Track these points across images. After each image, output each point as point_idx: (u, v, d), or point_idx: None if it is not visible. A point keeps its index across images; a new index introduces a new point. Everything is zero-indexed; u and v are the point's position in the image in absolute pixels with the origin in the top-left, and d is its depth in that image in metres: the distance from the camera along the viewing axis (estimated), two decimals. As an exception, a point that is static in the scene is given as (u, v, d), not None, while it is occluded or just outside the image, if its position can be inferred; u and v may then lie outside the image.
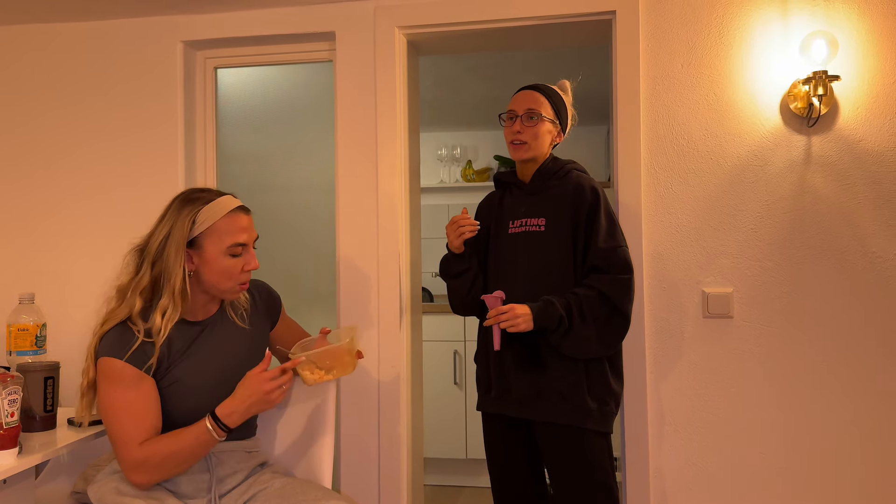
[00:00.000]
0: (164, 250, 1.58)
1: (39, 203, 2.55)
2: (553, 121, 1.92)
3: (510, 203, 1.97)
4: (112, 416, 1.54)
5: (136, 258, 1.64)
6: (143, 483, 1.54)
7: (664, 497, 2.18)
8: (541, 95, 1.92)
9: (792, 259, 2.14)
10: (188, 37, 2.49)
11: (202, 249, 1.60)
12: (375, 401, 2.34)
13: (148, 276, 1.59)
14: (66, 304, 2.46)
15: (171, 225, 1.59)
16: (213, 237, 1.59)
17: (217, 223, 1.59)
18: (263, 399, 1.51)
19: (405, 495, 2.34)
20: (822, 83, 2.04)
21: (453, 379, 3.93)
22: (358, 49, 2.39)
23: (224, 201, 1.62)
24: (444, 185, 4.60)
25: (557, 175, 1.91)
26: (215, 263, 1.60)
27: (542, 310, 1.75)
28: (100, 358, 1.57)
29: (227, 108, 3.10)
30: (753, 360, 2.15)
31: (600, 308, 1.76)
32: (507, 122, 1.94)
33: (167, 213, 1.63)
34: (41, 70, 2.56)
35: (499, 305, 1.80)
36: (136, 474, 1.52)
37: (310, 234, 3.16)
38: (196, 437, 1.52)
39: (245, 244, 1.63)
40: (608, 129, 3.55)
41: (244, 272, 1.64)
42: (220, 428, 1.52)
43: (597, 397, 1.80)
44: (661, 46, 2.22)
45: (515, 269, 1.89)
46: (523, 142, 1.89)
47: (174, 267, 1.57)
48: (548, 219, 1.87)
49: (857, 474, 2.10)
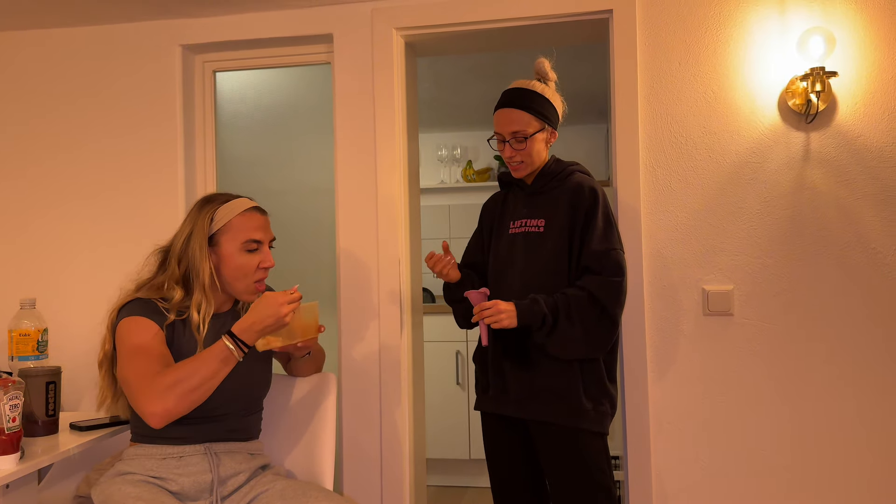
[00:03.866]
0: (189, 247, 1.65)
1: (40, 207, 2.55)
2: (542, 130, 1.87)
3: (512, 203, 1.97)
4: (134, 359, 1.55)
5: (160, 257, 1.71)
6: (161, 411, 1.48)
7: (666, 496, 2.18)
8: (521, 112, 1.83)
9: (792, 256, 2.14)
10: (187, 40, 2.49)
11: (219, 246, 1.66)
12: (377, 401, 2.34)
13: (178, 273, 1.65)
14: (68, 308, 2.46)
15: (193, 224, 1.66)
16: (230, 234, 1.66)
17: (233, 220, 1.67)
18: (275, 319, 1.54)
19: (408, 496, 2.34)
20: (819, 79, 2.04)
21: (455, 379, 3.93)
22: (356, 51, 2.39)
23: (240, 201, 1.70)
24: (445, 186, 4.60)
25: (559, 177, 1.90)
26: (231, 260, 1.66)
27: (527, 307, 1.75)
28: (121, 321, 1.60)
29: (226, 111, 3.11)
30: (754, 357, 2.15)
31: (589, 309, 1.75)
32: (498, 142, 1.91)
33: (189, 215, 1.70)
34: (40, 75, 2.56)
35: (483, 301, 1.80)
36: (156, 402, 1.47)
37: (310, 237, 3.17)
38: (212, 353, 1.54)
39: (261, 241, 1.69)
40: (607, 128, 3.55)
41: (260, 269, 1.69)
42: (237, 345, 1.54)
43: (592, 398, 1.80)
44: (658, 44, 2.22)
45: (513, 269, 1.89)
46: (520, 162, 1.88)
47: (201, 263, 1.64)
48: (547, 220, 1.86)
49: (861, 470, 2.09)
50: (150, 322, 1.61)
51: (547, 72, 1.91)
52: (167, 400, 1.48)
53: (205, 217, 1.66)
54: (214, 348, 1.54)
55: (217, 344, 1.54)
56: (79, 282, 2.50)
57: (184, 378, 1.50)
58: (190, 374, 1.51)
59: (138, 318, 1.61)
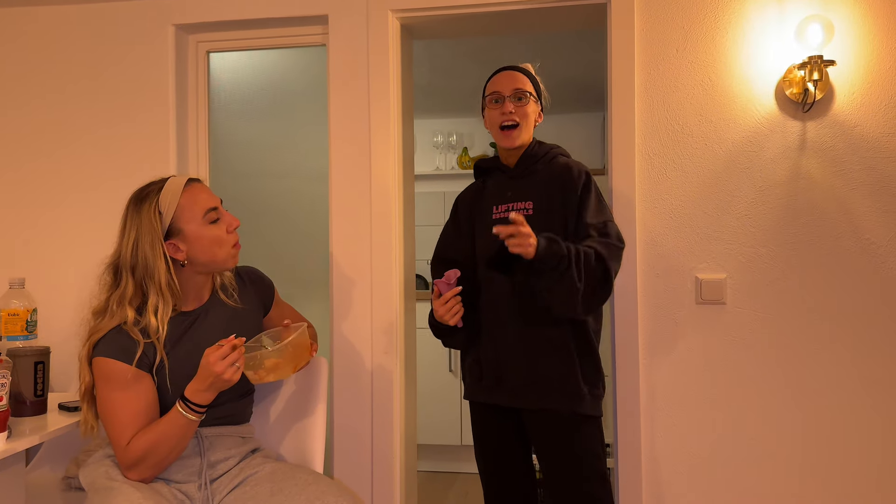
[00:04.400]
0: (138, 253, 1.58)
1: (29, 187, 2.53)
2: (537, 102, 1.91)
3: (493, 188, 1.94)
4: (110, 417, 1.55)
5: (112, 274, 1.63)
6: (141, 479, 1.55)
7: (658, 483, 2.19)
8: (521, 75, 1.90)
9: (786, 245, 2.14)
10: (180, 20, 2.46)
11: (183, 233, 1.61)
12: (369, 387, 2.33)
13: (131, 285, 1.59)
14: (57, 289, 2.45)
15: (137, 227, 1.59)
16: (186, 215, 1.61)
17: (181, 201, 1.60)
18: (220, 379, 1.50)
19: (398, 481, 2.34)
20: (817, 68, 2.03)
21: (448, 366, 3.94)
22: (351, 33, 2.37)
23: (174, 181, 1.64)
24: (440, 173, 4.59)
25: (544, 159, 1.89)
26: (202, 238, 1.61)
27: (548, 244, 1.63)
28: (96, 358, 1.57)
29: (219, 93, 3.08)
30: (746, 346, 2.15)
31: (594, 267, 1.68)
32: (491, 105, 1.89)
33: (126, 221, 1.62)
34: (27, 54, 2.53)
35: (453, 285, 1.78)
36: (132, 472, 1.54)
37: (303, 221, 3.15)
38: (171, 422, 1.53)
39: (216, 207, 1.65)
40: (604, 117, 3.53)
41: (230, 234, 1.66)
42: (189, 408, 1.52)
43: (589, 382, 1.80)
44: (655, 31, 2.20)
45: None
46: (515, 123, 1.84)
47: (154, 264, 1.57)
48: (535, 202, 1.84)
49: (851, 456, 2.10)
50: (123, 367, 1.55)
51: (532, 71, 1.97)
52: (140, 472, 1.54)
53: (148, 214, 1.58)
54: (173, 416, 1.52)
55: (173, 411, 1.53)
56: (68, 260, 2.48)
57: (151, 451, 1.52)
58: (157, 446, 1.52)
59: (110, 361, 1.55)
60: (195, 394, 1.52)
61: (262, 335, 1.71)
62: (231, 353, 1.50)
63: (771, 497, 2.13)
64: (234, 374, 1.51)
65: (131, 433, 1.53)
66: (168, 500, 1.53)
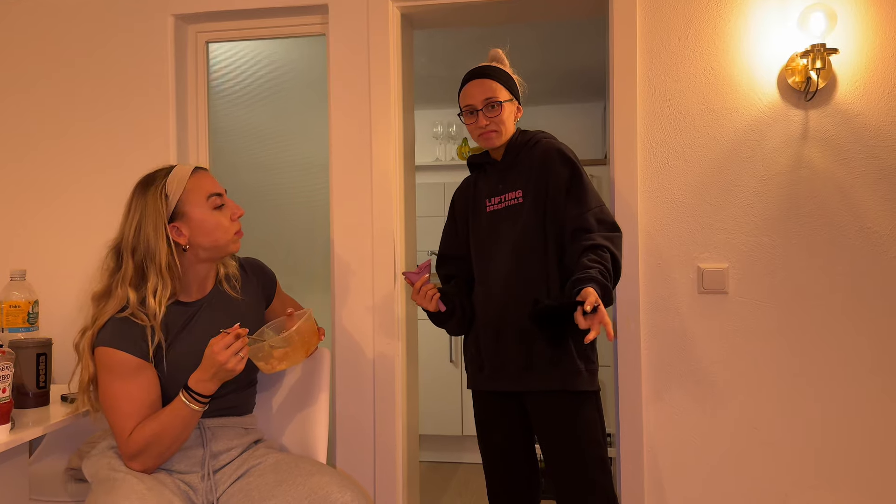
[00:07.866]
0: (141, 234, 1.58)
1: (29, 178, 2.52)
2: (510, 100, 1.90)
3: (485, 183, 1.97)
4: (112, 407, 1.55)
5: (114, 257, 1.64)
6: (144, 469, 1.55)
7: (659, 472, 2.19)
8: (491, 81, 1.87)
9: (788, 234, 2.13)
10: (179, 10, 2.45)
11: (187, 216, 1.61)
12: (371, 378, 2.34)
13: (131, 267, 1.59)
14: (59, 280, 2.44)
15: (141, 210, 1.60)
16: (192, 199, 1.62)
17: (187, 185, 1.62)
18: (223, 369, 1.50)
19: (401, 471, 2.35)
20: (820, 56, 2.02)
21: (449, 356, 3.94)
22: (351, 22, 2.35)
23: (180, 168, 1.66)
24: (440, 163, 4.58)
25: (527, 146, 1.91)
26: (205, 222, 1.62)
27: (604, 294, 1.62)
28: (98, 348, 1.57)
29: (219, 84, 3.06)
30: (748, 335, 2.15)
31: (615, 267, 1.74)
32: (468, 116, 1.90)
33: (131, 204, 1.63)
34: (26, 44, 2.51)
35: (424, 275, 1.85)
36: (135, 463, 1.54)
37: (304, 212, 3.15)
38: (174, 412, 1.53)
39: (221, 194, 1.67)
40: (605, 106, 3.52)
41: (234, 221, 1.67)
42: (193, 398, 1.52)
43: (584, 357, 1.82)
44: (657, 19, 2.19)
45: (500, 245, 1.88)
46: (493, 130, 1.87)
47: (156, 245, 1.58)
48: (524, 190, 1.87)
49: (854, 446, 2.11)
50: (125, 356, 1.55)
51: (503, 58, 1.97)
52: (143, 462, 1.54)
53: (155, 198, 1.59)
54: (176, 406, 1.52)
55: (177, 400, 1.53)
56: (71, 254, 2.47)
57: (154, 441, 1.52)
58: (159, 436, 1.52)
59: (113, 351, 1.55)
60: (199, 383, 1.52)
61: (264, 328, 1.71)
62: (235, 343, 1.50)
63: (773, 483, 2.14)
64: (238, 363, 1.51)
65: (134, 423, 1.53)
66: (171, 490, 1.53)
